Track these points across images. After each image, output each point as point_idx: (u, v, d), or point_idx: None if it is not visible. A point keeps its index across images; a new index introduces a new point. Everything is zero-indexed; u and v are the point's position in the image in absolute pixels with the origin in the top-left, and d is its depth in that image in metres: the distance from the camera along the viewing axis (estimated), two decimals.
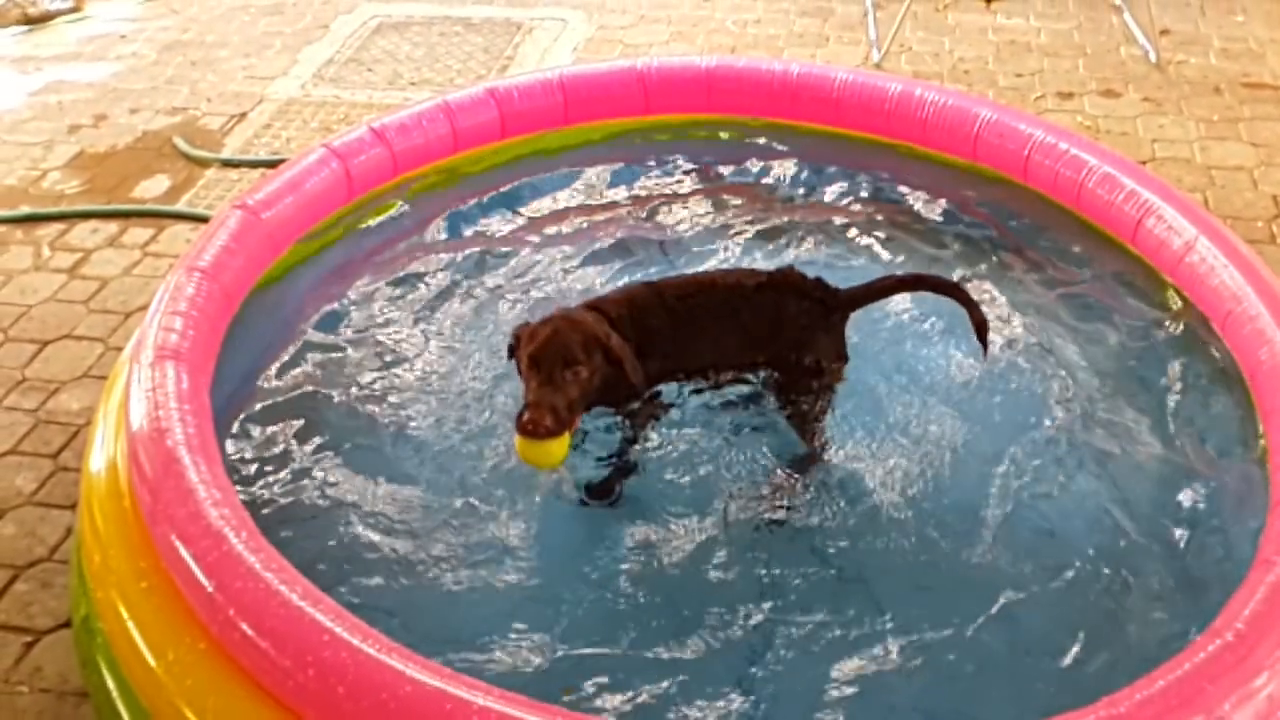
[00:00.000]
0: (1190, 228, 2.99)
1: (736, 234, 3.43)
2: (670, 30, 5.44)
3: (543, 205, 3.57)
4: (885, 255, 3.35)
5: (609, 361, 2.37)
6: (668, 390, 2.66)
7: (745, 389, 2.70)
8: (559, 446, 2.27)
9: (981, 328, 2.64)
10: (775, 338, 2.63)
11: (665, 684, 2.18)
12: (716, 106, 3.77)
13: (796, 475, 2.59)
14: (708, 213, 3.54)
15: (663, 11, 5.61)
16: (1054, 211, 3.37)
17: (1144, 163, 4.18)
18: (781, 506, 2.53)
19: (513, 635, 2.27)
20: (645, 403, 2.60)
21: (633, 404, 2.57)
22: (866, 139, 3.67)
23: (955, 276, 3.13)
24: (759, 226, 3.46)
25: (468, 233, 3.47)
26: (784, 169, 3.69)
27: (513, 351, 2.45)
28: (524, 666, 2.21)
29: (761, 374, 2.69)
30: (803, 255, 3.32)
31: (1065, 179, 3.30)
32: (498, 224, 3.50)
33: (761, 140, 3.75)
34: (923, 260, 3.31)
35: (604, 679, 2.19)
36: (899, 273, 2.88)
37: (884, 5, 5.42)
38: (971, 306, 2.66)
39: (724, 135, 3.79)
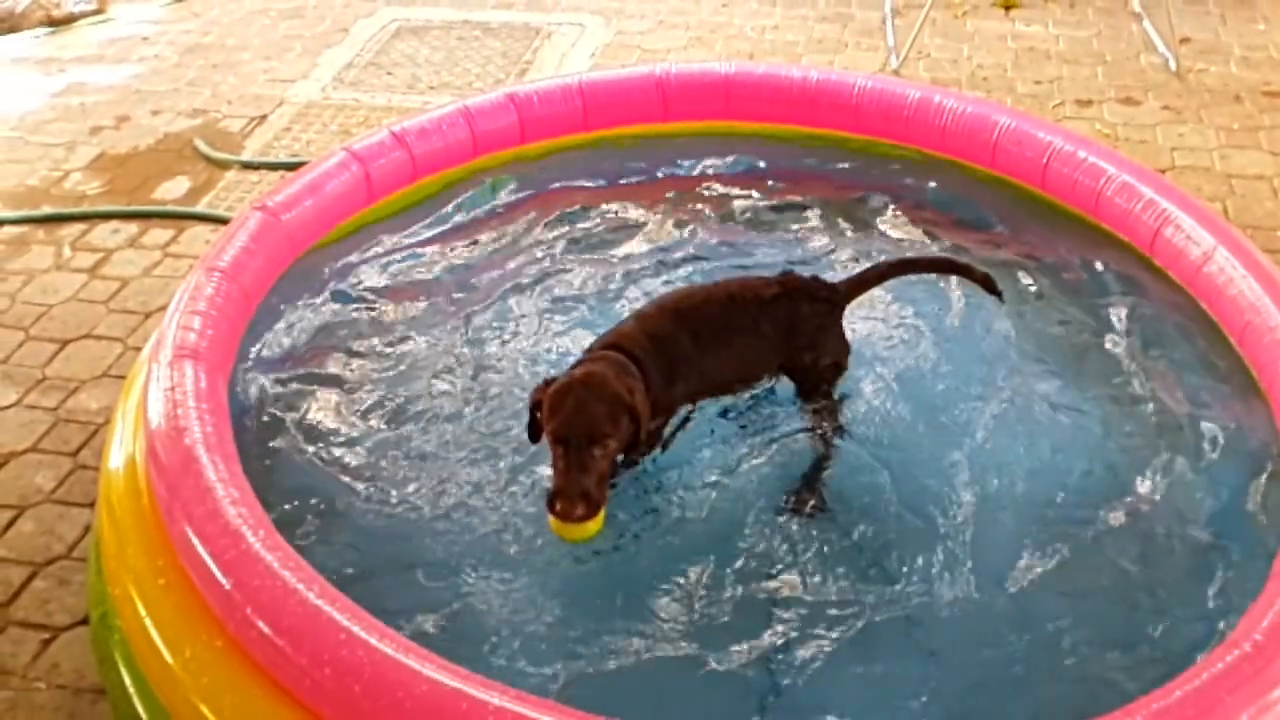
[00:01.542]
0: (1209, 237, 2.97)
1: (739, 234, 3.45)
2: (688, 36, 5.45)
3: (554, 206, 3.58)
4: (881, 249, 3.34)
5: (633, 419, 2.32)
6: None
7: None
8: (594, 521, 2.26)
9: (986, 282, 2.75)
10: (790, 343, 2.64)
11: (679, 679, 2.18)
12: (735, 113, 3.77)
13: (813, 469, 2.59)
14: (712, 213, 3.56)
15: (681, 17, 5.62)
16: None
17: (1163, 171, 4.16)
18: (797, 499, 2.53)
19: (525, 633, 2.27)
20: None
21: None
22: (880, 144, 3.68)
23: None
24: (760, 225, 3.49)
25: (485, 233, 3.48)
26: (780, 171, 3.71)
27: (533, 415, 2.37)
28: (536, 665, 2.20)
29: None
30: (799, 254, 3.33)
31: (1083, 187, 3.29)
32: (515, 225, 3.51)
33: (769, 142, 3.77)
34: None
35: (619, 675, 2.19)
36: (888, 259, 2.88)
37: (903, 12, 5.42)
38: (966, 270, 2.76)
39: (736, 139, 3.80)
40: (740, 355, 2.61)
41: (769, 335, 2.62)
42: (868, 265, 2.85)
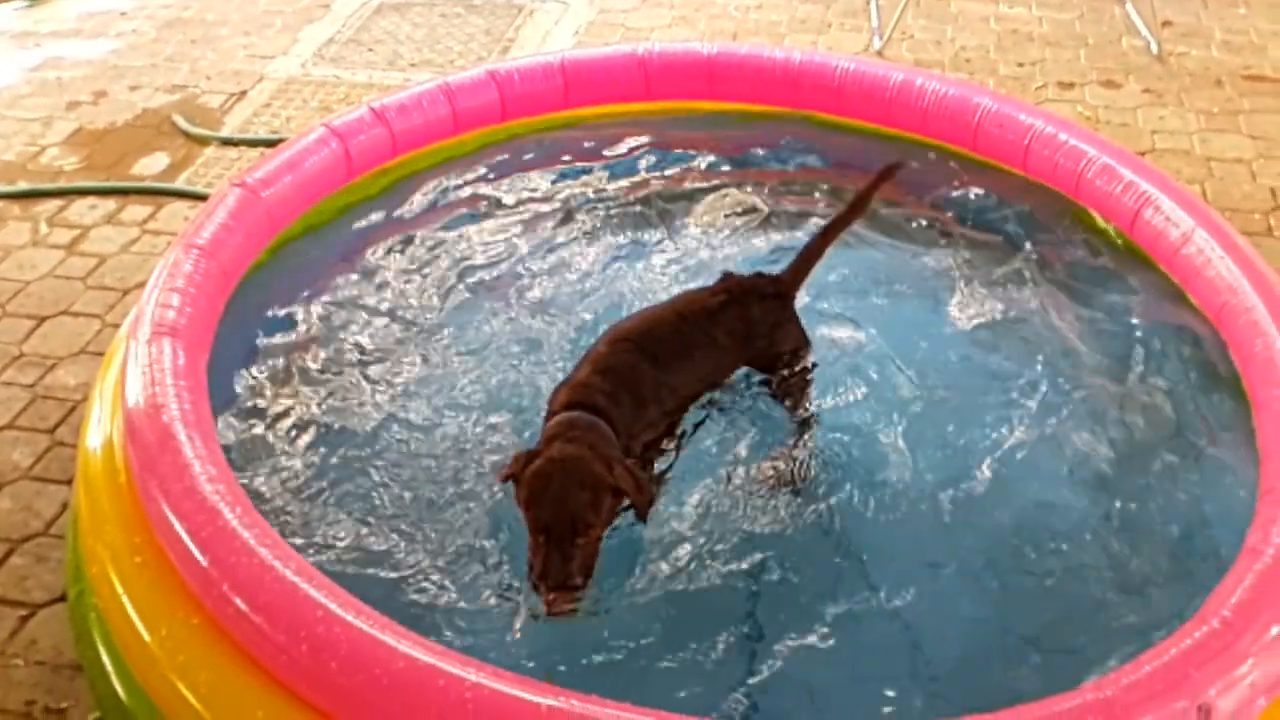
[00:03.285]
0: (1188, 219, 2.99)
1: (725, 221, 3.46)
2: (672, 15, 5.42)
3: (536, 190, 3.57)
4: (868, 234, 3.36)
5: (617, 497, 2.22)
6: None
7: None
8: None
9: (892, 170, 2.82)
10: (749, 345, 2.63)
11: (658, 656, 2.20)
12: (718, 93, 3.76)
13: (791, 453, 2.60)
14: (694, 195, 3.56)
15: None
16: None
17: (1143, 154, 4.18)
18: (777, 483, 2.54)
19: (503, 614, 2.27)
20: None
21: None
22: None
23: (956, 260, 3.22)
24: (747, 213, 3.48)
25: (465, 217, 3.47)
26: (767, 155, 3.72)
27: (511, 479, 2.25)
28: (513, 645, 2.21)
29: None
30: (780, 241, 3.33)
31: (1064, 169, 3.30)
32: (498, 209, 3.50)
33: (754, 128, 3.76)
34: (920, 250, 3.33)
35: (597, 653, 2.20)
36: (815, 234, 2.84)
37: None
38: (877, 185, 2.80)
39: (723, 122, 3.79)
40: (704, 367, 2.57)
41: (726, 343, 2.59)
42: (801, 248, 2.81)
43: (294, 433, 2.70)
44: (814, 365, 2.73)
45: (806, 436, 2.65)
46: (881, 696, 2.16)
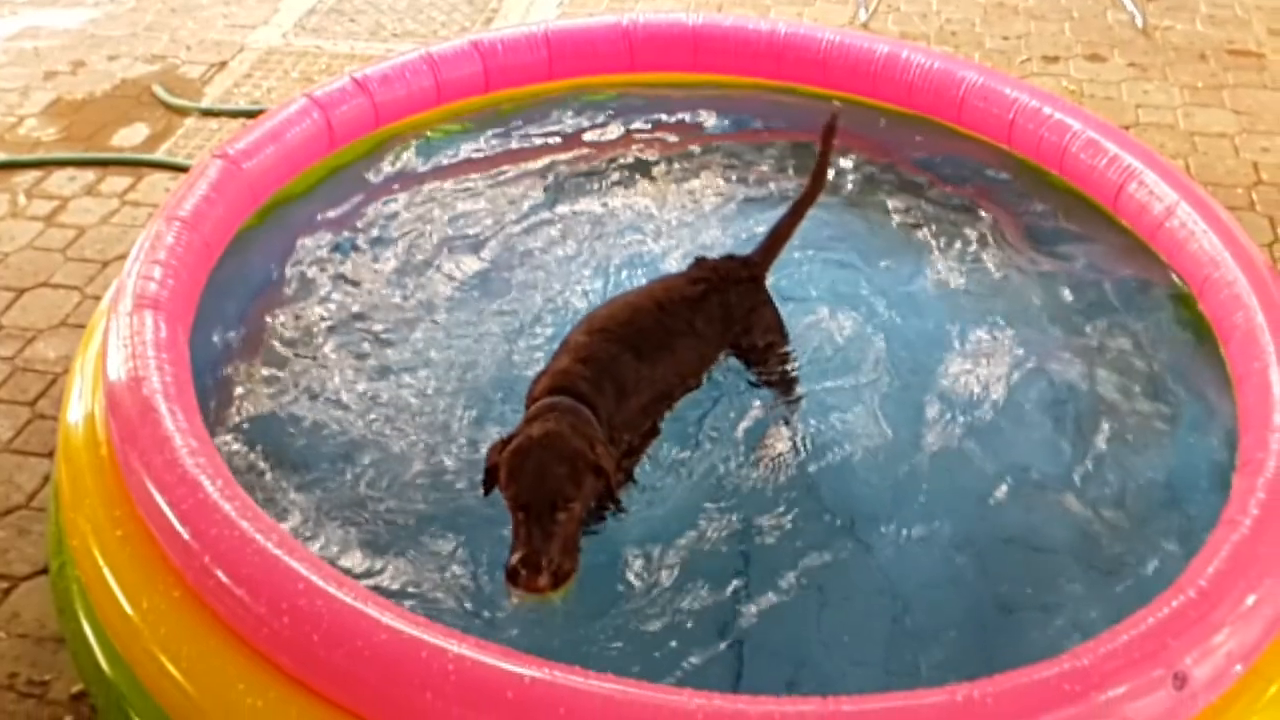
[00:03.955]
0: (1171, 193, 3.00)
1: (711, 199, 3.45)
2: None
3: (518, 162, 3.55)
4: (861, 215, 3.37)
5: (599, 475, 2.17)
6: None
7: None
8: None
9: (832, 129, 2.78)
10: (728, 330, 2.63)
11: (645, 627, 2.21)
12: (702, 65, 3.75)
13: (774, 425, 2.61)
14: (676, 167, 3.55)
15: None
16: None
17: (1127, 128, 4.19)
18: (761, 453, 2.55)
19: (485, 585, 2.28)
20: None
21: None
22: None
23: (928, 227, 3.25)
24: (730, 190, 3.48)
25: (447, 189, 3.45)
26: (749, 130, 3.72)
27: (489, 476, 2.22)
28: (497, 616, 2.22)
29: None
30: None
31: (1049, 143, 3.30)
32: (474, 180, 3.48)
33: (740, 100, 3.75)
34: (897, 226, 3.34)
35: (583, 624, 2.21)
36: (783, 214, 2.80)
37: None
38: (825, 150, 2.78)
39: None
40: (685, 357, 2.55)
41: (706, 331, 2.57)
42: (769, 227, 2.80)
43: (275, 406, 2.69)
44: (790, 341, 2.74)
45: (788, 409, 2.66)
46: (864, 664, 2.19)
